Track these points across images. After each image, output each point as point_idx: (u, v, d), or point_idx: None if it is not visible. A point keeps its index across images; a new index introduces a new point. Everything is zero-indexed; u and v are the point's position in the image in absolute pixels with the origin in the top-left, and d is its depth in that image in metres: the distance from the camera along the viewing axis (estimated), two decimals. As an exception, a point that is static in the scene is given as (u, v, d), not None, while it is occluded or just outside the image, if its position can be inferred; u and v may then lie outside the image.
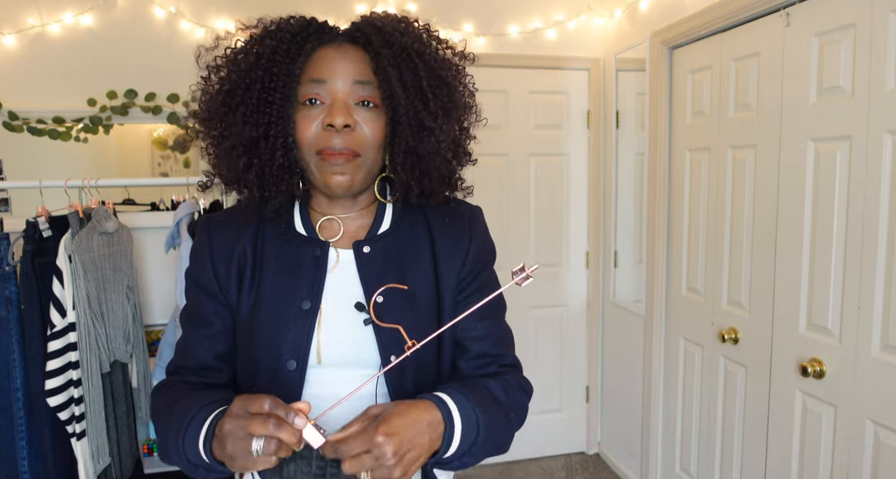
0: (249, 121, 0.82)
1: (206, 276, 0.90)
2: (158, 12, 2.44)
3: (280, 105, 0.81)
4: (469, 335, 0.91)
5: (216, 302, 0.90)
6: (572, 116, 2.88)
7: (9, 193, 2.69)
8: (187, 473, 0.79)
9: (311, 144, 0.82)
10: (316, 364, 0.85)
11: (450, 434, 0.74)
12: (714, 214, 2.14)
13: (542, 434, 3.03)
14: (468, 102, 0.91)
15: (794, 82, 1.75)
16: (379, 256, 0.88)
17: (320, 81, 0.81)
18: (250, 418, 0.66)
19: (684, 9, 2.21)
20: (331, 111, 0.80)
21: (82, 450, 1.81)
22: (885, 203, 1.50)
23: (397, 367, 0.82)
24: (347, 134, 0.80)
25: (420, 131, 0.83)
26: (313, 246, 0.88)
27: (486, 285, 0.95)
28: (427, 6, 2.64)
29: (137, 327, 1.99)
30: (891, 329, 1.50)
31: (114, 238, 1.90)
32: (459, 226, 0.94)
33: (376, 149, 0.84)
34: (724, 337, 2.07)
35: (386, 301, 0.85)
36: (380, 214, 0.92)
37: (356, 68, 0.82)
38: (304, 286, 0.86)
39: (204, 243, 0.92)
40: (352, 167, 0.82)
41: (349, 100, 0.82)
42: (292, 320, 0.84)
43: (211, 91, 0.86)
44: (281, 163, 0.83)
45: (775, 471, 1.89)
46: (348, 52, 0.83)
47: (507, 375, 0.92)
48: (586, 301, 3.01)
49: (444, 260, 0.90)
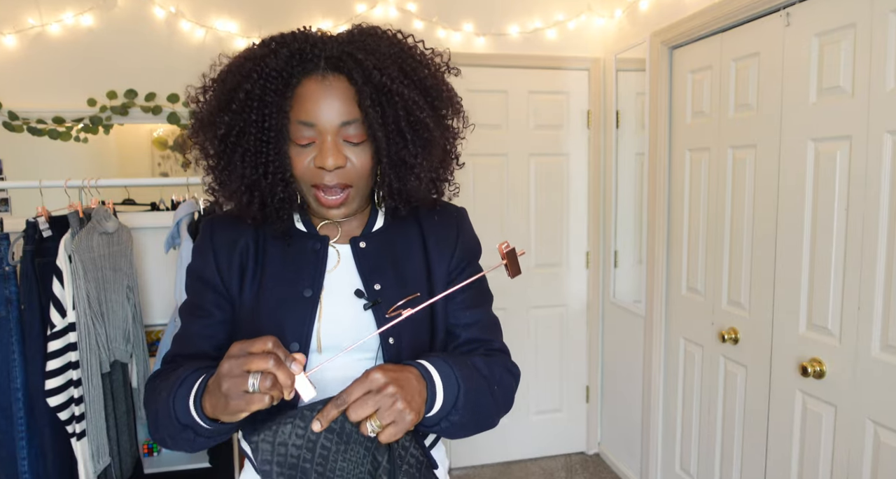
0: (249, 163, 0.85)
1: (209, 269, 0.94)
2: (158, 12, 2.44)
3: (276, 144, 0.83)
4: (458, 323, 0.97)
5: (217, 294, 0.93)
6: (572, 116, 2.88)
7: (9, 193, 2.69)
8: (173, 441, 0.81)
9: (306, 179, 0.86)
10: (316, 351, 0.89)
11: (432, 391, 0.78)
12: (714, 214, 2.14)
13: (542, 434, 3.03)
14: (453, 129, 0.94)
15: (794, 82, 1.75)
16: (374, 249, 0.95)
17: (309, 124, 0.83)
18: (249, 356, 0.69)
19: (684, 9, 2.21)
20: (321, 153, 0.83)
21: (82, 450, 1.81)
22: (885, 203, 1.50)
23: (393, 352, 0.89)
24: (338, 173, 0.84)
25: (401, 167, 0.87)
26: (314, 241, 0.94)
27: (473, 284, 0.99)
28: (427, 6, 2.64)
29: (137, 327, 1.99)
30: (891, 329, 1.50)
31: (114, 238, 1.90)
32: (448, 224, 1.01)
33: (367, 177, 0.88)
34: (724, 337, 2.07)
35: (383, 289, 0.91)
36: (373, 214, 0.98)
37: (342, 108, 0.83)
38: (306, 277, 0.91)
39: (206, 239, 0.96)
40: (345, 197, 0.87)
41: (338, 139, 0.84)
42: (294, 306, 0.89)
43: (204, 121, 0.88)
44: (281, 197, 0.88)
45: (775, 471, 1.89)
46: (333, 86, 0.83)
47: (494, 357, 0.96)
48: (586, 301, 3.01)
49: (435, 254, 0.97)
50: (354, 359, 0.89)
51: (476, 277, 0.87)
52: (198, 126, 0.89)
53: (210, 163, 0.90)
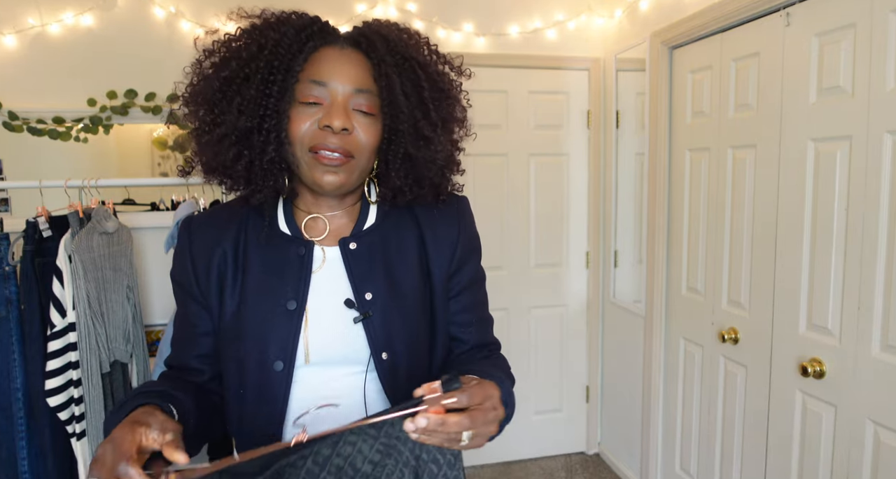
0: (245, 112, 0.81)
1: (187, 277, 0.90)
2: (158, 12, 2.44)
3: (277, 99, 0.81)
4: (465, 329, 0.94)
5: (196, 303, 0.90)
6: (572, 116, 2.88)
7: (9, 193, 2.69)
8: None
9: (305, 142, 0.81)
10: (304, 364, 0.85)
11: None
12: (714, 214, 2.14)
13: (542, 434, 3.03)
14: (462, 117, 0.92)
15: (794, 82, 1.75)
16: (365, 251, 0.88)
17: (321, 83, 0.81)
18: (119, 461, 0.64)
19: (684, 9, 2.21)
20: (329, 112, 0.80)
21: (82, 450, 1.81)
22: (885, 203, 1.50)
23: (389, 362, 0.85)
24: (344, 137, 0.81)
25: (418, 140, 0.84)
26: (297, 245, 0.88)
27: (474, 281, 0.97)
28: (427, 6, 2.64)
29: (137, 327, 1.99)
30: (891, 329, 1.49)
31: (114, 238, 1.90)
32: (448, 217, 0.94)
33: (369, 153, 0.84)
34: (724, 337, 2.07)
35: (375, 298, 0.86)
36: (364, 212, 0.92)
37: (357, 75, 0.81)
38: (290, 286, 0.85)
39: (184, 244, 0.91)
40: (345, 168, 0.82)
41: (348, 104, 0.81)
42: (278, 321, 0.84)
43: (205, 75, 0.85)
44: (272, 157, 0.82)
45: (775, 471, 1.89)
46: (350, 55, 0.83)
47: (497, 356, 0.96)
48: (586, 301, 3.01)
49: (434, 253, 0.91)
50: (342, 373, 0.86)
51: (390, 416, 0.66)
52: (200, 79, 0.85)
53: (205, 117, 0.84)
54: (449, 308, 0.93)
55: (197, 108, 0.85)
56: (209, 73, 0.84)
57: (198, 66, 0.86)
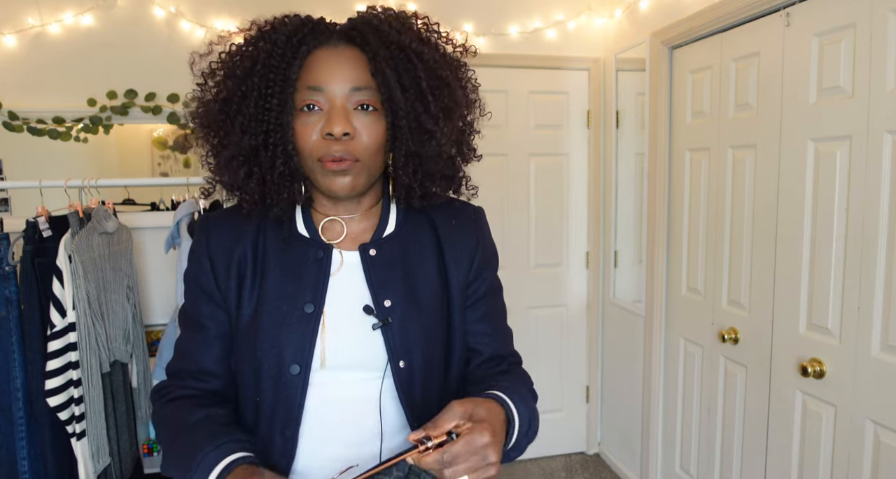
0: (248, 130, 0.81)
1: (205, 277, 0.89)
2: (158, 12, 2.44)
3: (278, 112, 0.80)
4: (481, 340, 0.93)
5: (214, 305, 0.89)
6: (572, 116, 2.88)
7: (9, 193, 2.69)
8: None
9: (312, 152, 0.81)
10: (319, 368, 0.84)
11: (510, 431, 0.79)
12: (714, 214, 2.14)
13: (543, 434, 3.00)
14: (471, 98, 0.90)
15: (794, 82, 1.75)
16: (385, 259, 0.88)
17: (318, 88, 0.79)
18: None
19: (684, 9, 2.21)
20: (329, 119, 0.79)
21: (82, 450, 1.81)
22: (885, 203, 1.50)
23: (406, 370, 0.84)
24: (346, 142, 0.79)
25: (421, 134, 0.82)
26: (316, 248, 0.87)
27: (491, 291, 0.96)
28: (427, 6, 2.64)
29: (137, 327, 1.99)
30: (891, 329, 1.50)
31: (114, 238, 1.90)
32: (466, 227, 0.95)
33: (376, 153, 0.83)
34: (724, 337, 2.07)
35: (393, 306, 0.85)
36: (384, 217, 0.91)
37: (354, 74, 0.80)
38: (307, 289, 0.85)
39: (202, 244, 0.90)
40: (353, 172, 0.82)
41: (347, 105, 0.80)
42: (295, 324, 0.83)
43: (208, 97, 0.85)
44: (282, 171, 0.82)
45: (775, 471, 1.89)
46: (345, 54, 0.81)
47: (517, 370, 0.96)
48: (586, 301, 3.01)
49: (453, 263, 0.91)
50: (358, 378, 0.85)
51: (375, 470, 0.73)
52: (200, 105, 0.85)
53: (210, 135, 0.85)
54: (466, 318, 0.92)
55: (205, 132, 0.86)
56: (211, 94, 0.84)
57: (200, 89, 0.86)
